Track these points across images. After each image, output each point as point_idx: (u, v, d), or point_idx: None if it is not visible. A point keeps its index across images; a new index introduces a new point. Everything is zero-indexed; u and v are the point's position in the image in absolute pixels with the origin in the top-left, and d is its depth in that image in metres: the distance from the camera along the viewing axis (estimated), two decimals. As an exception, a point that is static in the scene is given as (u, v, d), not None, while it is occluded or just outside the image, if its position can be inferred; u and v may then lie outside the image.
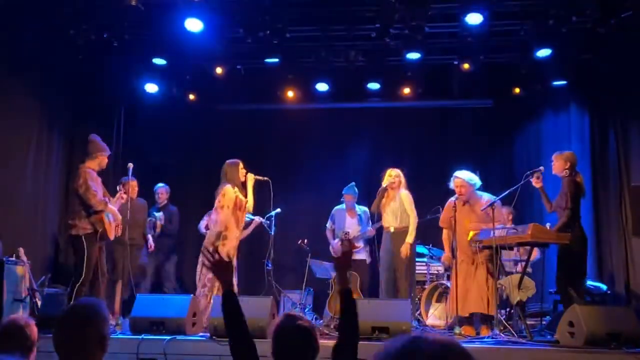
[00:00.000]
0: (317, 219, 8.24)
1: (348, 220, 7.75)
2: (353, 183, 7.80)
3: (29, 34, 7.14)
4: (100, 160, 6.20)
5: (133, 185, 7.33)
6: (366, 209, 7.60)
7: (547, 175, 6.25)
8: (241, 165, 6.52)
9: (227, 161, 6.54)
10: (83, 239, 5.88)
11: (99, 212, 6.00)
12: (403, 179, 7.04)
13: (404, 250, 6.74)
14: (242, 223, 6.53)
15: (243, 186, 6.48)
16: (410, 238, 6.84)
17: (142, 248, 8.04)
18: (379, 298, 6.54)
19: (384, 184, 6.95)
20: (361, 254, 7.57)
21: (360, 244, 7.62)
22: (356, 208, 7.76)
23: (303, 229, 8.52)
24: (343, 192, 7.71)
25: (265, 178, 6.55)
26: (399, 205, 6.91)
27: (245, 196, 6.44)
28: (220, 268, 2.84)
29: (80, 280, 5.78)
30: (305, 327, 2.53)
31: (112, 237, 6.24)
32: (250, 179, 6.47)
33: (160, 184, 8.45)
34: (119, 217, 6.23)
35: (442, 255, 7.79)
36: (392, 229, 6.91)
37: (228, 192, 6.37)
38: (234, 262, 6.33)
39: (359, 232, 7.49)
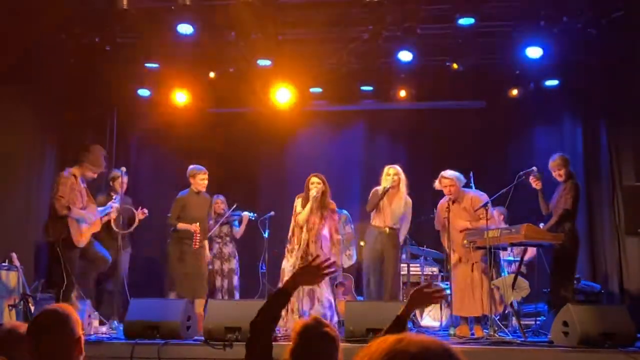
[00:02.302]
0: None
1: None
2: None
3: (19, 39, 7.11)
4: (84, 170, 6.11)
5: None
6: (345, 213, 7.58)
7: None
8: (311, 179, 6.51)
9: None
10: (58, 245, 5.83)
11: (64, 217, 5.92)
12: (403, 176, 6.68)
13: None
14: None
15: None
16: (401, 239, 6.78)
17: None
18: (373, 300, 6.51)
19: (387, 184, 6.56)
20: (353, 258, 7.58)
21: (350, 250, 7.62)
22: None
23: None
24: None
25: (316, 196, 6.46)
26: (401, 208, 6.61)
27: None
28: (310, 270, 2.80)
29: (65, 286, 5.73)
30: (332, 336, 2.50)
31: (79, 244, 5.98)
32: (313, 194, 6.41)
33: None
34: (92, 220, 6.03)
35: (436, 256, 7.83)
36: (387, 230, 6.59)
37: (296, 203, 6.55)
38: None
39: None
